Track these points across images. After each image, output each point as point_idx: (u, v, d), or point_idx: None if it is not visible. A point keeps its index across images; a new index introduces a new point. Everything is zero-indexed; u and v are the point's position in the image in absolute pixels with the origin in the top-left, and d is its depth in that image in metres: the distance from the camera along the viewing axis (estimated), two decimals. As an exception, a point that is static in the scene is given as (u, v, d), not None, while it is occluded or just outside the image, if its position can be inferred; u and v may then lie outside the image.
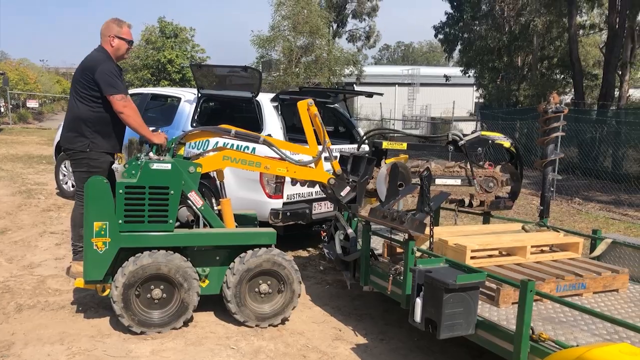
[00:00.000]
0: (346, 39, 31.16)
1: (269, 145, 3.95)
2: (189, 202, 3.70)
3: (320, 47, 18.48)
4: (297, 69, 18.99)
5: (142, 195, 3.50)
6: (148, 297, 3.56)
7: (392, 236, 3.83)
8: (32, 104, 28.21)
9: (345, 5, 30.28)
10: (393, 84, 36.63)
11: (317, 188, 5.69)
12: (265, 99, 5.66)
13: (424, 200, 3.45)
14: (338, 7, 29.66)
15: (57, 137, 7.97)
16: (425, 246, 3.64)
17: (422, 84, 35.05)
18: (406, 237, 3.40)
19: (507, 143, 4.78)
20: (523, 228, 4.21)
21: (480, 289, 2.97)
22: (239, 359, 3.42)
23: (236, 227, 4.03)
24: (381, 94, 6.46)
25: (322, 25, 17.99)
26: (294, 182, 5.40)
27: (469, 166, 4.60)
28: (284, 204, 5.43)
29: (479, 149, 4.71)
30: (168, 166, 3.55)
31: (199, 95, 6.16)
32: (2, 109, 27.34)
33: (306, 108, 4.03)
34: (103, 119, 3.96)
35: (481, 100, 23.88)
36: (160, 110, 6.78)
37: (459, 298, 2.78)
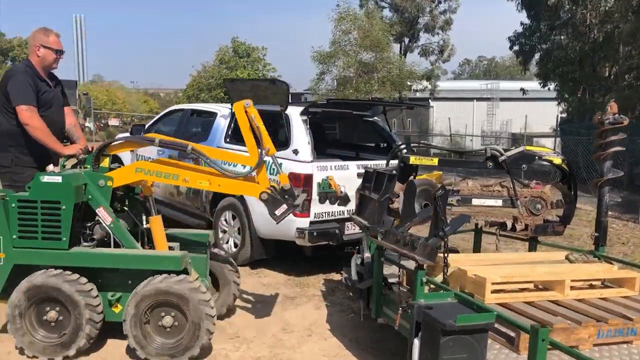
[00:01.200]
0: (418, 53, 30.49)
1: (198, 153, 3.58)
2: (98, 218, 3.46)
3: (388, 60, 18.03)
4: (368, 85, 18.67)
5: (34, 209, 3.32)
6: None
7: (404, 263, 3.40)
8: (114, 122, 29.97)
9: (418, 20, 29.68)
10: (471, 99, 35.52)
11: (349, 207, 5.36)
12: (294, 112, 5.39)
13: (438, 224, 2.99)
14: (410, 22, 29.15)
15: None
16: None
17: (502, 99, 33.64)
18: (416, 265, 2.96)
19: (557, 159, 4.17)
20: (567, 257, 3.60)
21: (499, 331, 2.49)
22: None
23: (170, 248, 3.71)
24: (426, 106, 6.01)
25: (383, 39, 17.57)
26: (322, 199, 5.08)
27: (512, 185, 4.07)
28: (311, 222, 5.10)
29: (523, 165, 4.16)
30: (58, 179, 3.32)
31: (233, 110, 6.02)
32: (93, 128, 29.20)
33: (243, 110, 3.60)
34: (26, 132, 3.82)
35: (564, 114, 22.39)
36: (199, 125, 6.71)
37: (462, 342, 2.32)
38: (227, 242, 5.80)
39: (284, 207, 3.47)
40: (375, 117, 6.22)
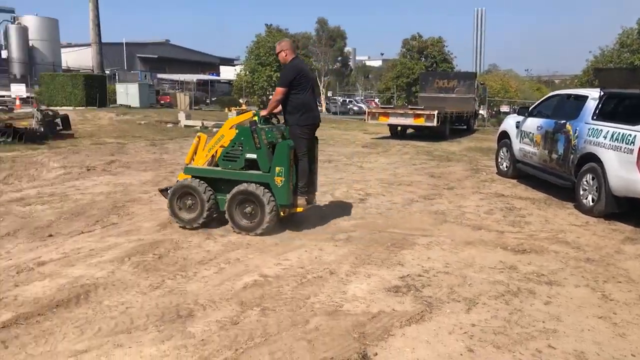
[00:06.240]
0: None
1: None
2: None
3: None
4: None
5: None
6: None
7: None
8: (504, 109, 32.47)
9: None
10: None
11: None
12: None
13: None
14: None
15: (501, 127, 10.63)
16: None
17: None
18: None
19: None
20: None
21: None
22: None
23: None
24: None
25: None
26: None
27: None
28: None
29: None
30: None
31: (602, 94, 7.51)
32: (485, 115, 32.57)
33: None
34: None
35: None
36: (571, 107, 8.35)
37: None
38: (586, 198, 7.41)
39: None
40: None
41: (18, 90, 32.56)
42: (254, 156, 5.68)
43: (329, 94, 50.79)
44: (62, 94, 28.87)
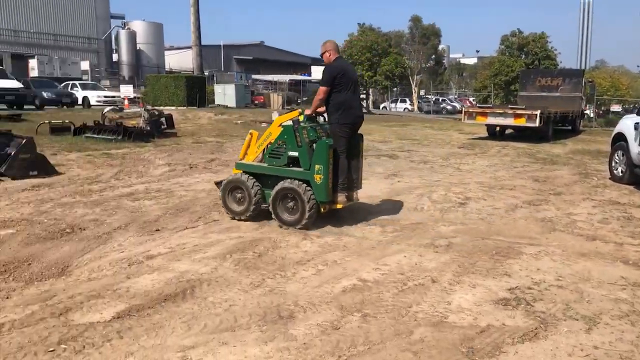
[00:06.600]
0: None
1: None
2: None
3: None
4: None
5: None
6: None
7: None
8: (615, 108, 29.99)
9: None
10: None
11: None
12: None
13: None
14: None
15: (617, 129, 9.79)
16: None
17: None
18: None
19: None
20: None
21: None
22: None
23: None
24: None
25: None
26: None
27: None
28: None
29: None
30: None
31: None
32: (592, 114, 30.41)
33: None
34: None
35: None
36: None
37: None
38: None
39: None
40: None
41: (126, 90, 34.80)
42: (296, 154, 5.91)
43: (422, 92, 49.75)
44: (166, 94, 30.44)
